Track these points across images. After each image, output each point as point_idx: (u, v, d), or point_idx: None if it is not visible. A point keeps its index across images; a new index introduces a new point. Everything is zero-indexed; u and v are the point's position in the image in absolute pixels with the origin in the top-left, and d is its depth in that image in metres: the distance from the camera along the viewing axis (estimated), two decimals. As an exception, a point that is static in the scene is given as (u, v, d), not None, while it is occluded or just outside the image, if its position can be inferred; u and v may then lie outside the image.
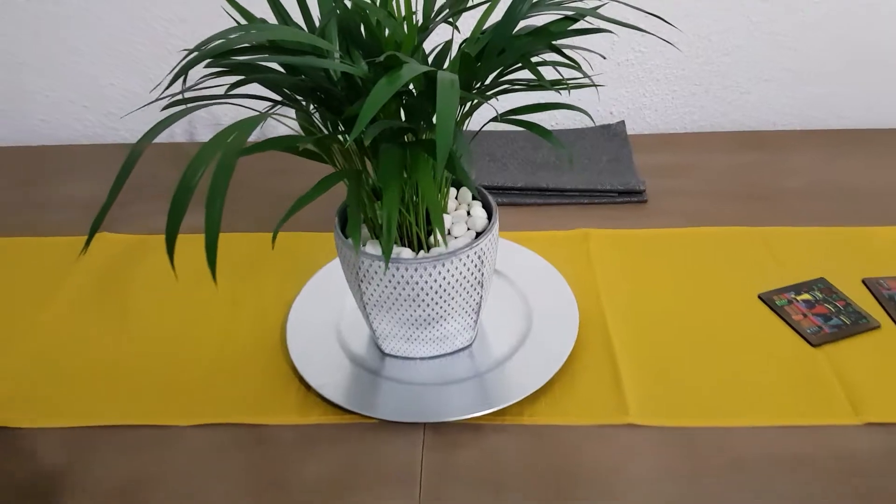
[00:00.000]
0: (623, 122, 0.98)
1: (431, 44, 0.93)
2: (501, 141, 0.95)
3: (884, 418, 0.56)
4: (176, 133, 1.05)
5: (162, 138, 1.03)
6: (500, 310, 0.68)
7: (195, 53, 0.44)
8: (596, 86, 0.57)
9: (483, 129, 0.92)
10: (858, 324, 0.65)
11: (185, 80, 0.49)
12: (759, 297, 0.69)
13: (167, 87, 0.48)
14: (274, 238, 0.44)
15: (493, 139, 0.96)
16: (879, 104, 1.01)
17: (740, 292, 0.69)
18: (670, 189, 0.86)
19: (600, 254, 0.75)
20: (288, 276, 0.73)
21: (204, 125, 1.04)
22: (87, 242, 0.44)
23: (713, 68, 0.98)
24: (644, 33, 0.95)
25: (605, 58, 0.91)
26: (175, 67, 0.46)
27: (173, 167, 0.94)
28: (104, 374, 0.62)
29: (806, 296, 0.69)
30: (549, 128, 1.00)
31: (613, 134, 0.96)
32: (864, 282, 0.70)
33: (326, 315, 0.67)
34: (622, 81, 0.99)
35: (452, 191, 0.62)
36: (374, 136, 0.43)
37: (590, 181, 0.85)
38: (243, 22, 0.64)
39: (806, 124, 1.02)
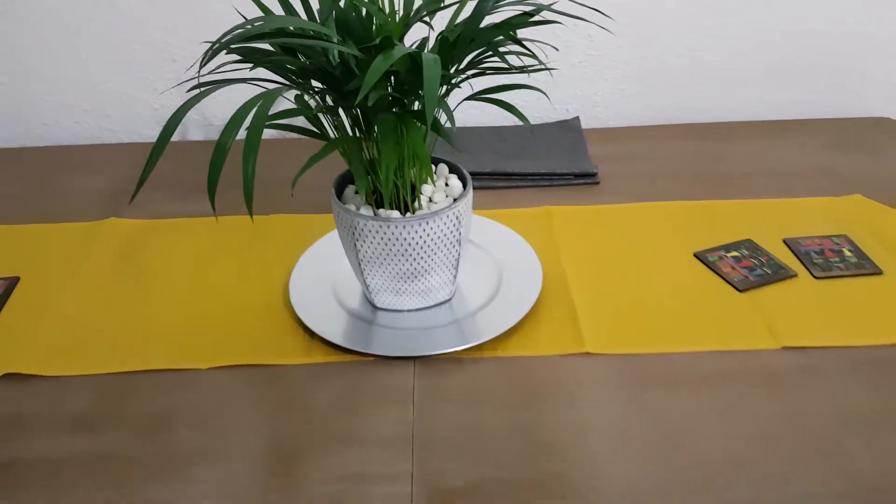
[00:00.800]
0: (578, 117, 1.10)
1: (408, 41, 1.04)
2: (472, 136, 1.06)
3: (796, 343, 0.67)
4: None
5: (127, 138, 1.12)
6: (474, 272, 0.78)
7: (227, 37, 0.53)
8: (550, 69, 0.68)
9: (457, 124, 1.03)
10: (778, 273, 0.77)
11: (202, 65, 0.59)
12: (695, 254, 0.80)
13: (200, 69, 0.58)
14: (294, 184, 0.53)
15: (465, 135, 1.07)
16: (806, 100, 1.14)
17: (679, 252, 0.81)
18: (619, 173, 0.98)
19: (560, 225, 0.86)
20: (285, 250, 0.82)
21: (196, 126, 1.13)
22: (135, 192, 0.53)
23: (660, 69, 1.11)
24: (593, 38, 1.08)
25: (557, 49, 1.03)
26: (206, 52, 0.56)
27: (170, 162, 1.02)
28: (130, 330, 0.71)
29: (734, 253, 0.80)
30: (513, 124, 1.12)
31: (570, 128, 1.08)
32: (784, 241, 0.82)
33: (322, 278, 0.77)
34: (576, 81, 1.11)
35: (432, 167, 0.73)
36: (375, 100, 0.53)
37: (550, 166, 0.96)
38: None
39: (744, 117, 1.15)
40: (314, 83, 0.60)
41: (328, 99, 0.60)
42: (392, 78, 0.57)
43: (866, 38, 1.10)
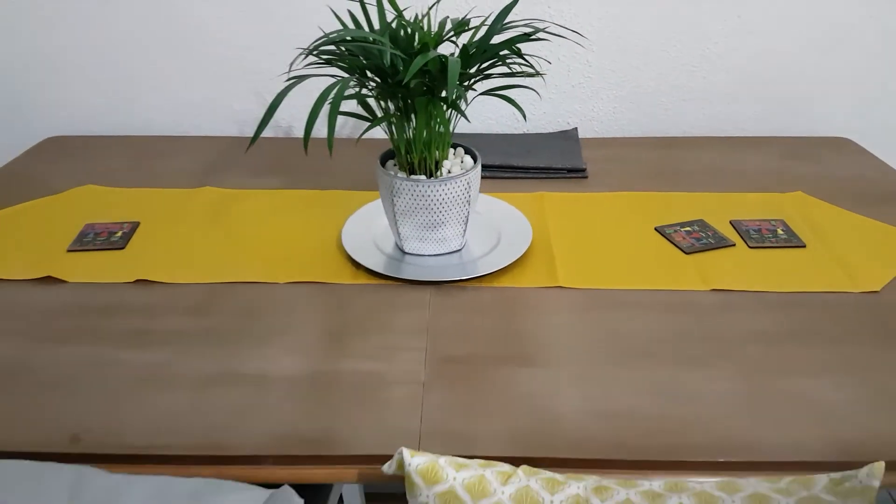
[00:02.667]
0: (576, 128, 1.34)
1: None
2: (485, 140, 1.30)
3: (722, 287, 0.89)
4: (224, 129, 1.40)
5: (211, 132, 1.39)
6: (480, 233, 1.01)
7: (318, 41, 0.78)
8: (541, 75, 0.92)
9: (473, 131, 1.27)
10: (720, 243, 0.98)
11: (306, 55, 0.84)
12: (655, 228, 1.02)
13: (291, 67, 0.83)
14: (358, 140, 0.77)
15: (480, 139, 1.31)
16: (764, 119, 1.37)
17: (643, 226, 1.03)
18: (605, 170, 1.21)
19: (551, 205, 1.09)
20: (336, 212, 1.07)
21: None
22: (252, 142, 0.78)
23: (644, 92, 1.34)
24: (591, 64, 1.32)
25: (549, 63, 1.28)
26: (304, 51, 0.81)
27: (244, 150, 1.28)
28: (224, 257, 0.95)
29: (687, 228, 1.02)
30: (520, 132, 1.36)
31: (568, 136, 1.32)
32: (731, 222, 1.04)
33: (364, 232, 1.00)
34: (576, 100, 1.35)
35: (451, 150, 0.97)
36: (414, 85, 0.77)
37: (547, 162, 1.19)
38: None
39: (709, 133, 1.38)
40: (370, 77, 0.85)
41: (379, 89, 0.85)
42: (426, 76, 0.82)
43: (824, 66, 1.33)
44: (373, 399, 0.72)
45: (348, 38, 0.80)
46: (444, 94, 0.84)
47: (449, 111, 0.82)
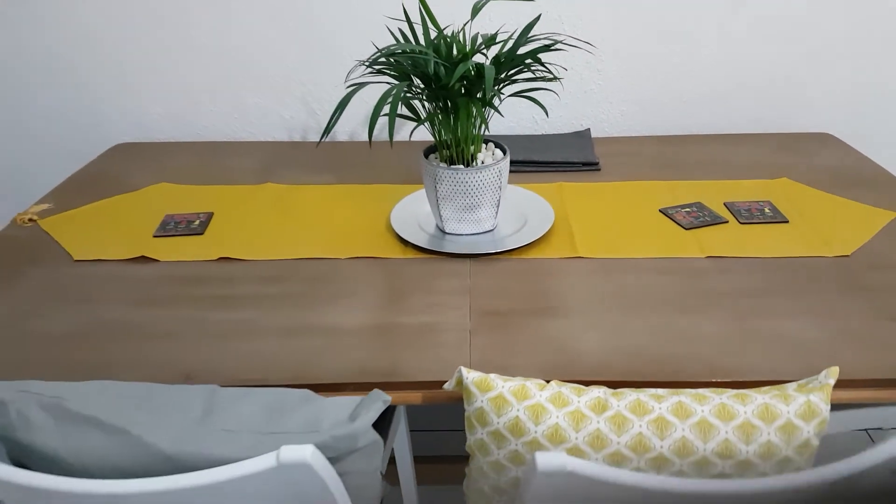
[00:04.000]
0: (589, 129, 1.50)
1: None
2: (509, 141, 1.47)
3: (716, 254, 1.04)
4: (253, 133, 1.57)
5: (264, 137, 1.56)
6: (508, 217, 1.17)
7: (378, 54, 0.95)
8: (559, 79, 1.08)
9: (502, 134, 1.44)
10: (715, 220, 1.14)
11: (366, 64, 1.00)
12: (660, 210, 1.18)
13: (348, 76, 0.99)
14: (411, 135, 0.93)
15: (504, 140, 1.47)
16: (755, 118, 1.52)
17: (649, 209, 1.19)
18: (615, 164, 1.36)
19: (569, 193, 1.25)
20: (384, 202, 1.23)
21: (313, 132, 1.56)
22: (324, 135, 0.94)
23: (647, 95, 1.50)
24: (601, 72, 1.48)
25: (566, 69, 1.44)
26: (365, 61, 0.97)
27: (299, 153, 1.45)
28: (290, 238, 1.12)
29: (687, 209, 1.18)
30: (540, 133, 1.53)
31: (582, 136, 1.48)
32: (724, 204, 1.19)
33: (410, 217, 1.17)
34: (589, 104, 1.52)
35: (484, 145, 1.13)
36: (457, 87, 0.93)
37: (564, 157, 1.35)
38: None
39: (706, 131, 1.53)
40: (415, 84, 1.01)
41: (425, 92, 1.01)
42: (464, 80, 0.98)
43: (810, 69, 1.49)
44: (429, 342, 0.87)
45: (399, 51, 0.96)
46: (479, 95, 1.00)
47: (485, 108, 0.99)
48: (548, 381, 0.72)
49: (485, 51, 1.05)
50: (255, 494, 0.63)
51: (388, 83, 1.02)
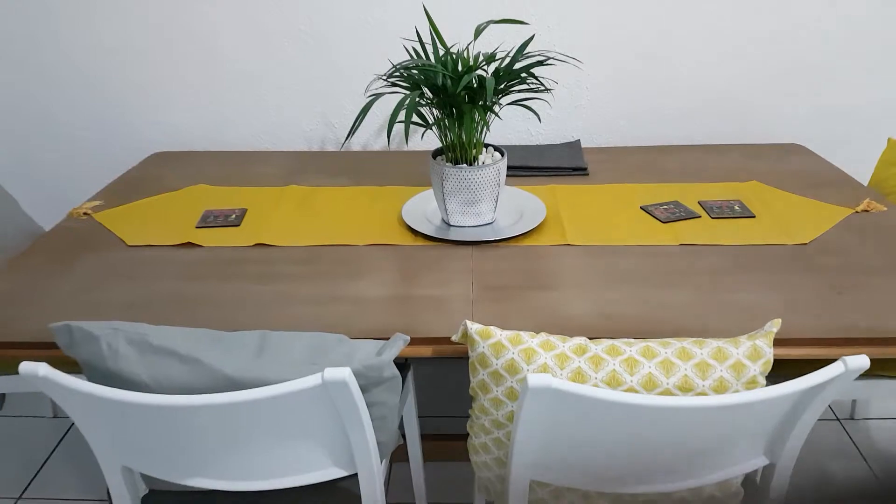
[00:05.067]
0: (579, 140, 1.67)
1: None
2: (507, 150, 1.63)
3: (688, 241, 1.19)
4: (262, 142, 1.74)
5: (286, 147, 1.72)
6: (506, 211, 1.32)
7: (390, 69, 1.12)
8: (548, 90, 1.24)
9: (500, 144, 1.60)
10: (689, 215, 1.29)
11: (384, 77, 1.17)
12: (641, 207, 1.34)
13: (366, 91, 1.16)
14: (390, 130, 1.09)
15: (504, 149, 1.63)
16: (731, 131, 1.69)
17: (632, 206, 1.34)
18: (602, 170, 1.53)
19: (560, 193, 1.41)
20: (395, 201, 1.39)
21: (331, 143, 1.73)
22: (347, 137, 1.10)
23: (631, 110, 1.67)
24: (589, 89, 1.65)
25: (556, 83, 1.61)
26: (384, 74, 1.14)
27: (319, 160, 1.61)
28: (314, 230, 1.27)
29: (665, 206, 1.33)
30: (535, 143, 1.69)
31: (573, 146, 1.64)
32: (699, 202, 1.35)
33: (419, 211, 1.32)
34: (580, 118, 1.68)
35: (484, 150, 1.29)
36: (462, 94, 1.09)
37: (556, 163, 1.52)
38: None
39: (685, 142, 1.70)
40: (426, 94, 1.18)
41: (434, 101, 1.18)
42: (468, 90, 1.14)
43: (783, 85, 1.66)
44: (438, 309, 1.02)
45: (413, 65, 1.13)
46: (481, 102, 1.16)
47: (487, 113, 1.15)
48: (538, 333, 0.87)
49: (486, 66, 1.22)
50: (302, 411, 0.78)
51: (402, 94, 1.18)
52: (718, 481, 0.88)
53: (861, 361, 0.74)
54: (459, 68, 1.18)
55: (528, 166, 1.52)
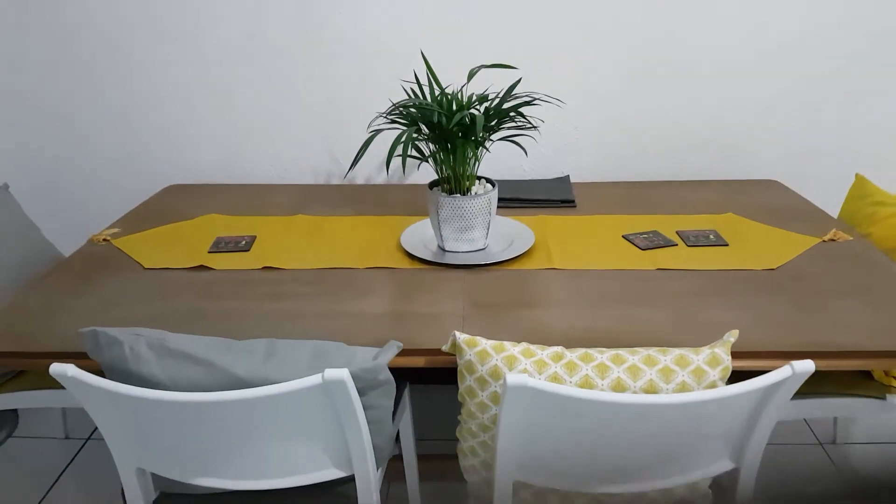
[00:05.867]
0: (568, 175, 1.77)
1: (464, 133, 1.75)
2: (501, 183, 1.74)
3: (664, 266, 1.29)
4: (272, 175, 1.85)
5: (294, 181, 1.83)
6: (497, 239, 1.42)
7: (390, 108, 1.23)
8: (535, 127, 1.35)
9: (492, 178, 1.71)
10: (667, 243, 1.39)
11: (371, 125, 1.28)
12: (623, 236, 1.43)
13: (370, 126, 1.27)
14: (388, 162, 1.20)
15: (499, 184, 1.74)
16: (710, 167, 1.80)
17: (614, 235, 1.44)
18: (589, 202, 1.63)
19: (549, 223, 1.51)
20: (395, 230, 1.49)
21: (336, 177, 1.84)
22: (351, 167, 1.20)
23: (617, 148, 1.78)
24: (577, 128, 1.77)
25: (543, 121, 1.73)
26: (385, 112, 1.25)
27: (323, 192, 1.72)
28: (318, 254, 1.37)
29: (644, 234, 1.43)
30: (525, 178, 1.80)
31: (562, 181, 1.75)
32: (676, 232, 1.45)
33: (416, 239, 1.42)
34: (568, 155, 1.80)
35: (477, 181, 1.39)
36: (455, 130, 1.20)
37: (546, 196, 1.62)
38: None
39: (667, 178, 1.81)
40: (422, 129, 1.29)
41: (430, 137, 1.29)
42: (461, 127, 1.25)
43: (761, 125, 1.77)
44: (431, 324, 1.11)
45: (411, 104, 1.24)
46: (472, 138, 1.27)
47: (478, 147, 1.26)
48: (519, 342, 0.95)
49: (477, 105, 1.33)
50: (304, 410, 0.86)
51: (401, 129, 1.29)
52: (687, 483, 0.95)
53: (806, 366, 0.83)
54: (453, 107, 1.29)
55: (519, 198, 1.63)
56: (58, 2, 1.74)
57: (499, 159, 1.82)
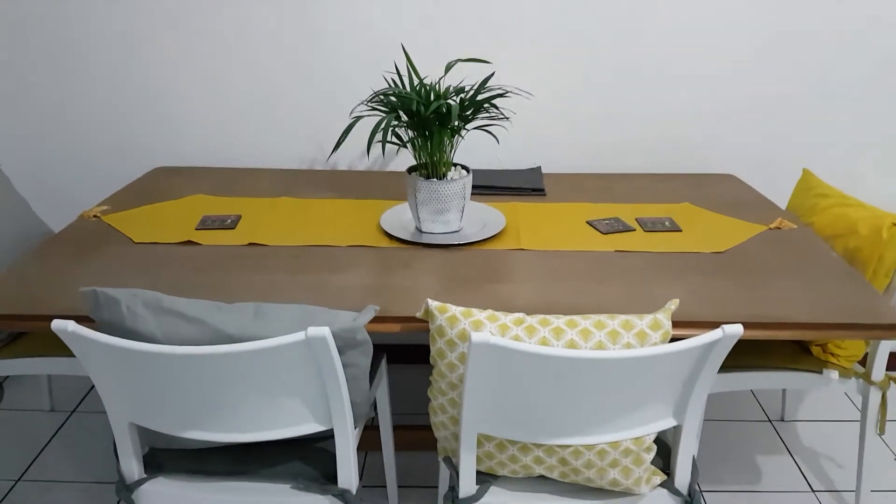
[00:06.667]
0: (540, 166, 1.88)
1: (442, 123, 1.84)
2: (477, 172, 1.84)
3: (621, 248, 1.40)
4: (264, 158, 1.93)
5: (279, 165, 1.91)
6: (470, 222, 1.52)
7: (371, 95, 1.32)
8: (507, 118, 1.46)
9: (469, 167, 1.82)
10: (626, 228, 1.50)
11: (353, 112, 1.37)
12: (587, 222, 1.54)
13: (353, 112, 1.36)
14: (369, 146, 1.29)
15: (472, 172, 1.84)
16: (673, 162, 1.91)
17: (578, 221, 1.55)
18: (557, 191, 1.74)
19: (520, 209, 1.62)
20: (374, 213, 1.58)
21: (319, 164, 1.93)
22: (333, 151, 1.29)
23: (587, 143, 1.89)
24: (551, 125, 1.87)
25: (515, 113, 1.83)
26: (366, 100, 1.34)
27: (306, 178, 1.80)
28: (303, 233, 1.46)
29: (606, 220, 1.54)
30: (499, 167, 1.90)
31: (534, 171, 1.85)
32: (636, 219, 1.55)
33: (395, 222, 1.51)
34: (539, 147, 1.90)
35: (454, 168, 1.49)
36: (433, 117, 1.29)
37: (517, 184, 1.72)
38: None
39: (632, 171, 1.92)
40: (402, 117, 1.38)
41: (409, 124, 1.38)
42: (438, 116, 1.35)
43: (722, 126, 1.89)
44: (408, 295, 1.21)
45: (392, 93, 1.33)
46: (449, 126, 1.37)
47: (454, 135, 1.35)
48: (485, 309, 1.05)
49: (453, 96, 1.43)
50: (288, 365, 0.95)
51: (381, 116, 1.38)
52: (634, 437, 1.06)
53: (735, 329, 0.94)
54: (431, 97, 1.38)
55: (493, 186, 1.73)
56: (51, -12, 1.80)
57: (474, 150, 1.92)
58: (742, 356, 1.45)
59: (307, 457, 1.15)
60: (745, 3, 1.79)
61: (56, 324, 0.96)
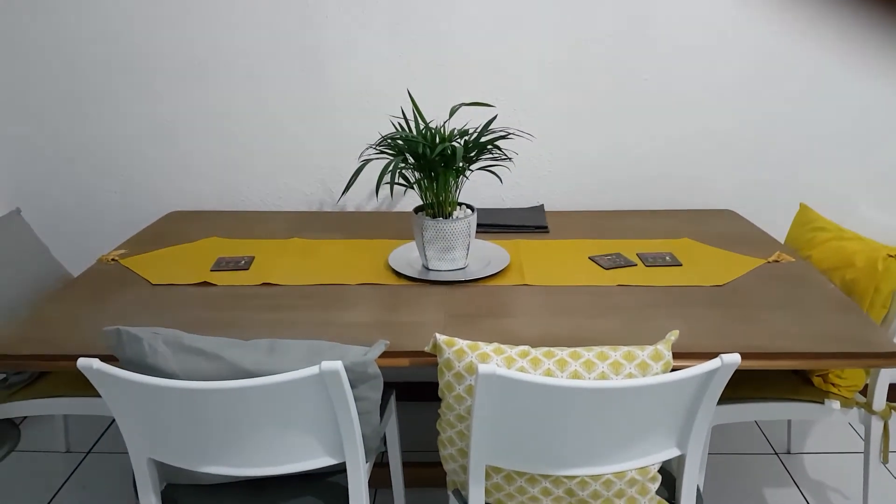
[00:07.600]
0: (542, 204, 1.94)
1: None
2: (481, 211, 1.89)
3: (623, 282, 1.44)
4: (268, 203, 1.99)
5: (288, 208, 1.97)
6: (475, 260, 1.57)
7: (379, 139, 1.38)
8: (509, 159, 1.51)
9: (474, 206, 1.87)
10: (627, 263, 1.54)
11: (362, 155, 1.43)
12: (589, 257, 1.58)
13: (361, 156, 1.42)
14: (378, 187, 1.35)
15: (479, 212, 1.89)
16: (672, 199, 1.97)
17: (581, 256, 1.59)
18: (560, 228, 1.79)
19: (523, 246, 1.66)
20: (383, 252, 1.63)
21: (328, 206, 1.99)
22: (343, 193, 1.35)
23: (587, 182, 1.95)
24: (552, 162, 1.93)
25: (517, 153, 1.89)
26: (374, 143, 1.40)
27: (316, 220, 1.86)
28: (315, 272, 1.50)
29: (608, 256, 1.58)
30: (505, 206, 1.96)
31: (536, 209, 1.91)
32: (637, 254, 1.60)
33: (402, 259, 1.56)
34: (543, 187, 1.96)
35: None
36: (438, 159, 1.35)
37: (521, 222, 1.77)
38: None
39: (631, 208, 1.97)
40: (408, 159, 1.44)
41: (416, 166, 1.44)
42: (443, 158, 1.41)
43: (718, 161, 1.95)
44: (416, 330, 1.24)
45: (398, 136, 1.40)
46: (453, 167, 1.43)
47: (458, 176, 1.41)
48: (491, 342, 1.09)
49: (458, 138, 1.49)
50: (302, 399, 0.98)
51: (389, 159, 1.45)
52: (639, 467, 1.08)
53: (733, 358, 0.97)
54: (436, 140, 1.45)
55: (497, 224, 1.78)
56: (67, 32, 1.89)
57: (478, 189, 1.98)
58: (744, 388, 1.48)
59: (319, 492, 1.17)
60: (740, 45, 1.87)
61: (81, 362, 1.01)
